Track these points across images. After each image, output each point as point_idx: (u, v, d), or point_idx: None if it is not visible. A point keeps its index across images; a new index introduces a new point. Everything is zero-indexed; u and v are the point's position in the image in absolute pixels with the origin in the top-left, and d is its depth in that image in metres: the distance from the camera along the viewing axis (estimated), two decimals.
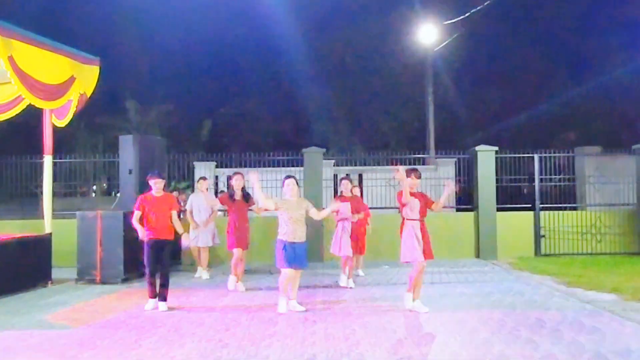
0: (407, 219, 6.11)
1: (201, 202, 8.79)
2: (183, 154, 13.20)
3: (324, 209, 7.42)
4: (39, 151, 9.08)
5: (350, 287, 7.65)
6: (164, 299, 6.41)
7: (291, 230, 6.12)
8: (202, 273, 8.85)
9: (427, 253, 6.06)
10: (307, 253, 6.36)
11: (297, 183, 6.34)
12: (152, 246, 6.37)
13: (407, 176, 6.04)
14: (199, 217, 8.72)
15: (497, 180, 11.01)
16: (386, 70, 24.37)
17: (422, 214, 6.12)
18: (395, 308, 6.30)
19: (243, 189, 7.76)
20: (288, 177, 6.37)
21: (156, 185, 6.52)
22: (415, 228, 6.06)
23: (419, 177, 6.12)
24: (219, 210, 9.42)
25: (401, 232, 6.17)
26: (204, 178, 9.21)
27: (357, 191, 8.57)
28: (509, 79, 24.42)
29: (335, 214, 7.69)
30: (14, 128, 15.53)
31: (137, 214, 6.48)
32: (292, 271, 6.18)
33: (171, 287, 7.52)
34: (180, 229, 6.59)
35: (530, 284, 7.87)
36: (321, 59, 24.82)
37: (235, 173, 7.85)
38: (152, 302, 6.41)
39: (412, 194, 6.06)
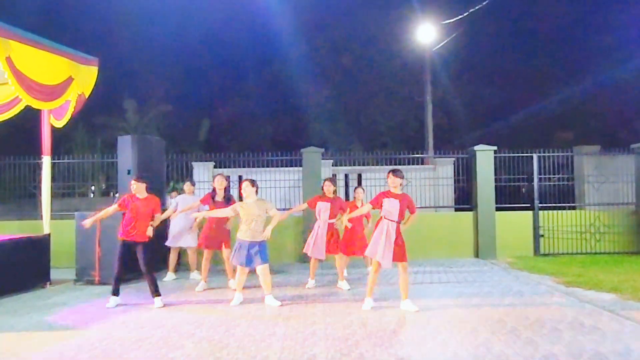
0: (384, 218, 6.12)
1: (188, 204, 8.54)
2: (181, 154, 13.20)
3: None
4: (37, 152, 9.05)
5: (348, 289, 7.50)
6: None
7: (244, 230, 6.45)
8: (194, 274, 8.70)
9: (398, 255, 6.04)
10: (266, 251, 6.58)
11: (253, 184, 6.54)
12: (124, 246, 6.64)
13: (387, 177, 6.21)
14: (186, 218, 8.52)
15: (495, 179, 11.01)
16: (384, 69, 24.41)
17: (402, 216, 6.14)
18: (395, 308, 6.29)
19: (225, 189, 7.84)
20: (244, 180, 6.58)
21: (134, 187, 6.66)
22: (390, 228, 6.05)
23: (401, 177, 6.17)
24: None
25: (375, 227, 6.23)
26: (191, 181, 9.13)
27: (360, 192, 8.23)
28: (507, 78, 24.48)
29: (317, 215, 7.70)
30: (13, 129, 15.50)
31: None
32: (244, 268, 6.55)
33: (171, 288, 7.53)
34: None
35: (530, 284, 7.87)
36: (319, 59, 24.84)
37: (217, 174, 7.95)
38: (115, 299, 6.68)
39: (393, 195, 6.13)
